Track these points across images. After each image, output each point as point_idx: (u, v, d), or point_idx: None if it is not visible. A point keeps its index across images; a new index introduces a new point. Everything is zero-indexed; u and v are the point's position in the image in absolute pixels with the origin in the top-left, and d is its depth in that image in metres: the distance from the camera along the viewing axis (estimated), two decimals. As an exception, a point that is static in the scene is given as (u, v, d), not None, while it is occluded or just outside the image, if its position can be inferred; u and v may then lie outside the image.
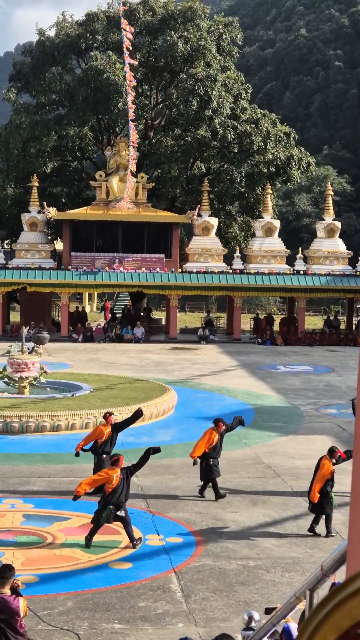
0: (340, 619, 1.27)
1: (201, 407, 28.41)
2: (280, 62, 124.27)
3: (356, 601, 1.28)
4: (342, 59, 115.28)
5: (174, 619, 11.62)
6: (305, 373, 37.72)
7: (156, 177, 55.88)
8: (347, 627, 1.28)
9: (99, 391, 27.88)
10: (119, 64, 50.82)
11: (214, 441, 17.85)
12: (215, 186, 54.24)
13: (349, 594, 1.26)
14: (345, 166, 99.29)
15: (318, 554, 14.14)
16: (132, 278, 48.32)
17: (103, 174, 50.57)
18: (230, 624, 11.35)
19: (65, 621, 11.42)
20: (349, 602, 1.26)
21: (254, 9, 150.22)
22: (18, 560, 13.34)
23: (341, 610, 1.27)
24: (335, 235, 51.25)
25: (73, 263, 48.57)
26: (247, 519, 16.23)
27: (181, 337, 50.17)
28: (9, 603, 9.39)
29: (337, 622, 1.27)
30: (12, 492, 17.64)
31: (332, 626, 1.27)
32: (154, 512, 16.36)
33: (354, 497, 2.78)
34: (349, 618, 1.26)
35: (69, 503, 16.42)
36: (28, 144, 51.56)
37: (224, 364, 39.63)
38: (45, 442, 22.45)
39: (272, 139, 53.28)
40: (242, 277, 49.09)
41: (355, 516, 2.67)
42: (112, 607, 11.91)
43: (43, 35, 56.03)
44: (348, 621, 1.26)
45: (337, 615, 1.27)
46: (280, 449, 22.43)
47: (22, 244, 49.25)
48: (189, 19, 53.74)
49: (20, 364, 27.53)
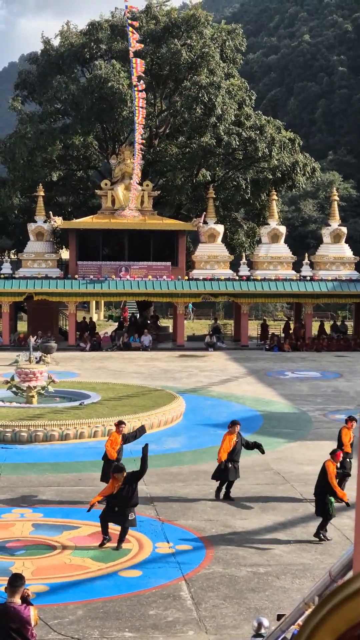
0: (337, 621, 1.27)
1: (209, 414, 28.40)
2: (284, 68, 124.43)
3: (353, 604, 1.29)
4: (346, 64, 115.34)
5: (185, 626, 11.60)
6: (313, 379, 37.67)
7: (161, 185, 55.96)
8: (344, 630, 1.29)
9: (107, 400, 27.89)
10: (123, 72, 50.99)
11: (233, 444, 18.03)
12: (221, 193, 54.30)
13: (345, 596, 1.27)
14: (351, 171, 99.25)
15: (328, 559, 14.10)
16: (138, 286, 48.36)
17: (108, 183, 50.69)
18: (241, 631, 11.33)
19: (75, 630, 11.41)
20: (346, 605, 1.27)
21: (257, 16, 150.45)
22: (28, 570, 13.34)
23: (338, 613, 1.28)
24: (341, 241, 51.22)
25: (80, 272, 48.64)
26: (256, 525, 16.21)
27: (188, 344, 50.17)
28: (20, 612, 9.39)
29: (334, 625, 1.28)
30: (21, 501, 17.65)
31: (329, 629, 1.28)
32: (163, 520, 16.34)
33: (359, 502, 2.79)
34: (346, 621, 1.27)
35: (78, 512, 16.44)
36: (34, 154, 51.71)
37: (232, 371, 39.61)
38: (54, 451, 22.46)
39: (277, 145, 53.32)
40: (248, 283, 49.10)
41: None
42: (123, 616, 11.90)
43: (48, 44, 56.25)
44: (345, 624, 1.27)
45: (334, 618, 1.28)
46: (289, 455, 22.40)
47: (28, 254, 49.34)
48: (192, 27, 53.88)
49: (28, 374, 27.57)
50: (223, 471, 18.00)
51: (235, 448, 18.14)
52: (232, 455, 18.09)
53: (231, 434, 18.24)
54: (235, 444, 18.17)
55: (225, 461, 18.01)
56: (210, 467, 19.58)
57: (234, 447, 18.12)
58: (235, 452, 18.15)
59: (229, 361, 43.50)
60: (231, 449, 18.06)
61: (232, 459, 18.08)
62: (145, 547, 14.78)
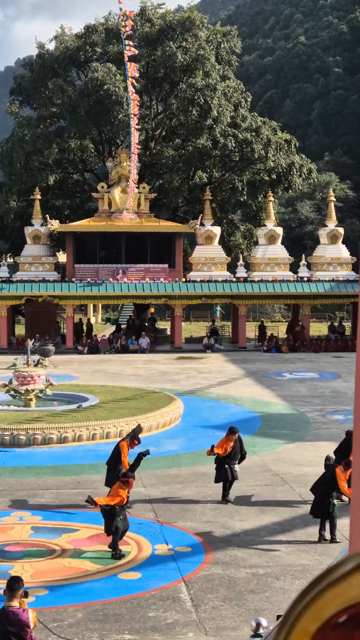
0: (320, 609, 1.28)
1: (208, 416, 28.40)
2: (279, 69, 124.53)
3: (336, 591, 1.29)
4: (341, 65, 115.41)
5: (184, 628, 11.60)
6: (312, 380, 37.69)
7: (158, 187, 55.97)
8: (327, 617, 1.29)
9: (105, 402, 27.88)
10: (119, 75, 50.99)
11: (229, 449, 18.01)
12: (217, 195, 54.31)
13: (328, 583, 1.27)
14: (348, 172, 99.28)
15: (327, 560, 14.10)
16: (136, 289, 48.36)
17: (105, 186, 50.70)
18: (240, 632, 11.32)
19: (75, 633, 11.40)
20: (330, 591, 1.27)
21: (252, 18, 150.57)
22: (27, 573, 13.33)
23: (321, 601, 1.28)
24: (338, 242, 51.26)
25: (77, 275, 48.63)
26: (255, 526, 16.21)
27: (186, 346, 50.18)
28: (19, 615, 9.40)
29: (317, 613, 1.28)
30: (20, 504, 17.64)
31: (313, 617, 1.28)
32: (162, 522, 16.33)
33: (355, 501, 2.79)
34: (329, 608, 1.27)
35: (77, 515, 16.43)
36: (30, 157, 51.71)
37: (230, 373, 39.62)
38: (53, 454, 22.45)
39: (273, 146, 53.36)
40: (246, 285, 49.11)
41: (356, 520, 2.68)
42: (122, 618, 11.89)
43: (43, 48, 56.28)
44: (328, 611, 1.27)
45: (317, 605, 1.28)
46: (288, 456, 22.40)
47: (25, 257, 49.34)
48: (187, 29, 53.90)
49: (26, 377, 27.58)
50: (221, 472, 17.97)
51: (232, 452, 18.12)
52: (229, 458, 18.06)
53: (229, 440, 18.18)
54: (232, 448, 18.13)
55: (221, 462, 17.97)
56: (208, 469, 19.60)
57: (232, 451, 18.10)
58: (232, 456, 18.12)
59: (227, 363, 43.50)
60: (229, 452, 18.04)
61: (229, 461, 18.05)
62: (144, 549, 14.77)
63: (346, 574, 1.25)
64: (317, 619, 1.28)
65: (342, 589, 1.26)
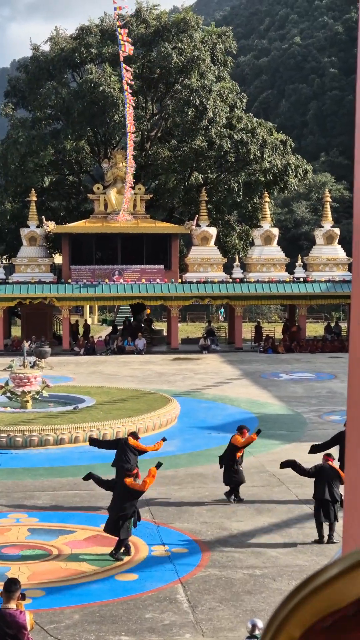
0: (305, 614, 1.29)
1: (204, 416, 28.41)
2: (275, 70, 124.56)
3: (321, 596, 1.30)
4: (337, 65, 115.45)
5: (181, 629, 11.61)
6: (308, 380, 37.71)
7: (154, 188, 55.98)
8: (312, 623, 1.30)
9: (102, 404, 27.89)
10: (114, 76, 50.99)
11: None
12: (213, 196, 54.33)
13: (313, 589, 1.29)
14: (343, 173, 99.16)
15: (324, 561, 14.12)
16: (132, 290, 48.37)
17: (101, 187, 50.68)
18: (237, 633, 11.34)
19: (72, 634, 11.42)
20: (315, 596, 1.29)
21: (247, 19, 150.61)
22: (24, 575, 13.34)
23: (307, 606, 1.29)
24: (334, 242, 51.29)
25: (73, 276, 48.63)
26: (252, 527, 16.23)
27: (183, 347, 50.18)
28: (16, 617, 9.41)
29: (302, 618, 1.29)
30: (16, 506, 17.64)
31: (298, 622, 1.29)
32: (159, 523, 16.35)
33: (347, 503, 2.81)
34: (314, 613, 1.28)
35: (74, 516, 16.43)
36: (25, 159, 51.67)
37: (226, 373, 39.63)
38: (49, 456, 22.45)
39: (269, 147, 53.37)
40: (242, 286, 49.12)
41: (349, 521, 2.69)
42: (119, 619, 11.90)
43: (37, 50, 56.26)
44: (313, 616, 1.28)
45: (302, 610, 1.29)
46: (284, 456, 22.32)
47: (21, 259, 49.31)
48: (183, 30, 53.92)
49: (23, 379, 27.57)
50: (237, 474, 18.11)
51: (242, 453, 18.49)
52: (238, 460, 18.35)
53: (238, 437, 18.40)
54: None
55: (233, 465, 18.11)
56: (205, 470, 19.63)
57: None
58: (241, 456, 18.41)
59: (224, 364, 43.51)
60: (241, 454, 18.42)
61: (238, 462, 18.31)
62: (141, 551, 14.79)
63: (331, 579, 1.27)
64: (302, 624, 1.29)
65: (327, 594, 1.27)
